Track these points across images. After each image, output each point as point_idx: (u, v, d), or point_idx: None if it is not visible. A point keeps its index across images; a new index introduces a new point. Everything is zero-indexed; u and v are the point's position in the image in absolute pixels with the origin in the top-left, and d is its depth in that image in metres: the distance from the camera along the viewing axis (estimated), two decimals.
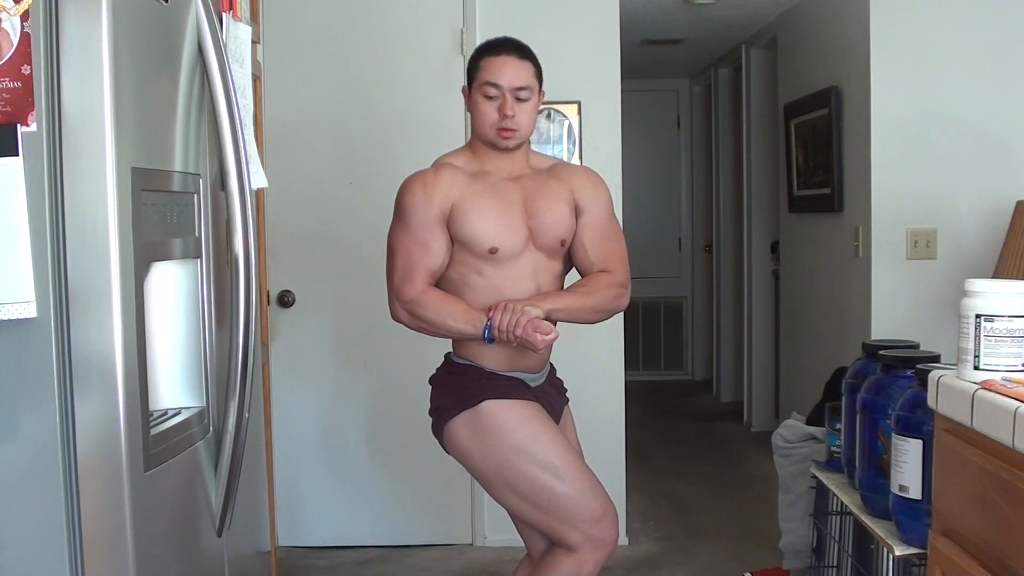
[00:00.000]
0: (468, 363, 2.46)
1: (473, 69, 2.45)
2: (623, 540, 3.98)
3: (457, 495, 3.93)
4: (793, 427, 3.19)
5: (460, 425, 2.41)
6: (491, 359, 2.44)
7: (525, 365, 2.48)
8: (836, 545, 2.85)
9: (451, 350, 2.54)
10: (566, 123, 3.92)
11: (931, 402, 1.86)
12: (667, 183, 7.66)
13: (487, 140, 2.45)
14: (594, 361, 3.95)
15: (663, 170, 7.62)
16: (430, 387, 2.57)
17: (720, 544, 3.98)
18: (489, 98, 2.40)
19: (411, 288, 2.37)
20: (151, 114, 1.73)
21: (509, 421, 2.39)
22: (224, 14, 2.15)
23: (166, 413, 1.85)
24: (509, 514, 2.60)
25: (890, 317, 3.91)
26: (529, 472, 2.38)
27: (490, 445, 2.39)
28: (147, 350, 1.71)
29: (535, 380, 2.51)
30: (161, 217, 1.75)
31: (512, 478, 2.39)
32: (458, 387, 2.45)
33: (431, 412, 2.52)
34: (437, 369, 2.58)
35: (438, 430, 2.48)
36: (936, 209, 3.92)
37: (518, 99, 2.40)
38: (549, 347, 2.44)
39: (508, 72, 2.39)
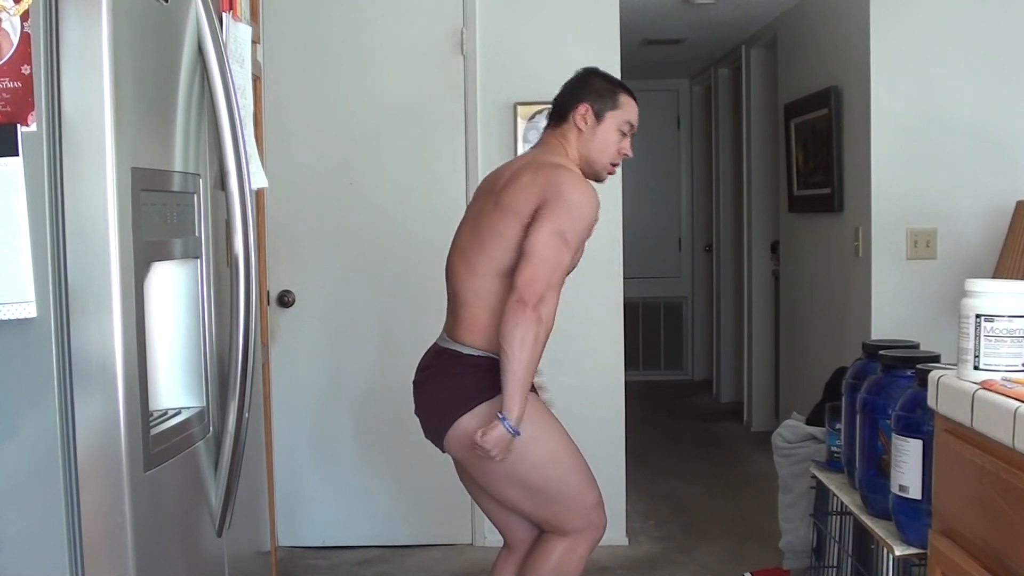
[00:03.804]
0: (487, 355, 2.40)
1: (610, 102, 2.51)
2: (623, 540, 3.98)
3: (457, 495, 3.90)
4: (793, 427, 3.19)
5: (475, 419, 2.37)
6: None
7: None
8: (836, 545, 2.85)
9: (455, 344, 2.46)
10: None
11: (931, 402, 1.86)
12: (667, 183, 7.66)
13: (593, 166, 2.52)
14: (594, 361, 3.95)
15: (663, 170, 7.62)
16: (420, 387, 2.51)
17: (720, 544, 3.98)
18: (623, 134, 2.51)
19: (549, 307, 2.30)
20: (151, 114, 1.73)
21: (525, 413, 2.39)
22: (224, 14, 2.15)
23: (166, 413, 1.85)
24: (489, 506, 2.62)
25: (890, 317, 3.91)
26: (541, 462, 2.42)
27: None
28: (147, 350, 1.71)
29: None
30: (161, 217, 1.75)
31: (523, 469, 2.41)
32: (474, 380, 2.40)
33: (433, 411, 2.46)
34: (432, 368, 2.51)
35: (443, 427, 2.42)
36: (936, 209, 3.92)
37: None
38: None
39: (637, 121, 2.56)
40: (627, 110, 2.53)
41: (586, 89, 2.53)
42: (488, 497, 2.59)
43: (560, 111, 2.55)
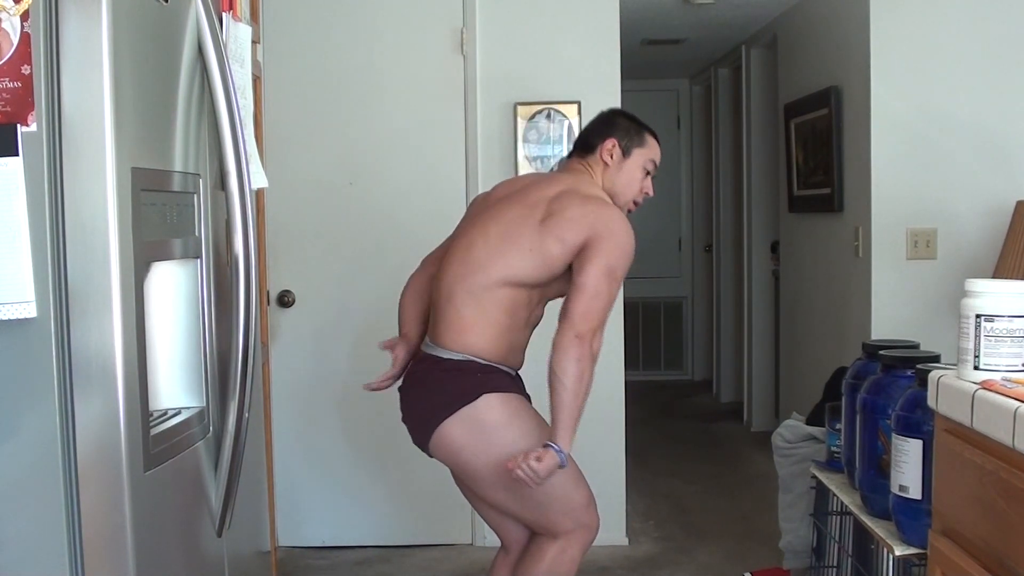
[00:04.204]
0: (468, 359, 2.41)
1: (636, 139, 2.59)
2: (623, 540, 3.98)
3: (457, 495, 3.90)
4: (793, 427, 3.19)
5: (456, 423, 2.37)
6: (490, 352, 2.42)
7: (516, 360, 2.51)
8: (836, 545, 2.86)
9: (437, 349, 2.44)
10: (566, 123, 3.92)
11: (931, 402, 1.86)
12: (667, 183, 7.65)
13: (615, 201, 2.57)
14: None
15: (663, 170, 7.51)
16: (405, 394, 2.51)
17: (720, 544, 3.98)
18: (647, 173, 2.59)
19: (600, 342, 2.36)
20: (151, 114, 1.73)
21: (506, 415, 2.40)
22: (224, 14, 2.15)
23: (166, 413, 1.85)
24: (483, 509, 2.63)
25: (890, 317, 3.91)
26: None
27: (486, 440, 2.38)
28: (147, 350, 1.71)
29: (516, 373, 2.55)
30: (161, 217, 1.75)
31: (506, 473, 2.38)
32: (452, 384, 2.40)
33: (417, 417, 2.44)
34: (416, 375, 2.50)
35: (427, 432, 2.41)
36: (936, 209, 3.92)
37: None
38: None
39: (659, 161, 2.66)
40: (651, 149, 2.62)
41: (613, 126, 2.59)
42: (482, 500, 2.59)
43: (586, 144, 2.60)
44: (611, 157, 2.56)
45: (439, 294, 2.48)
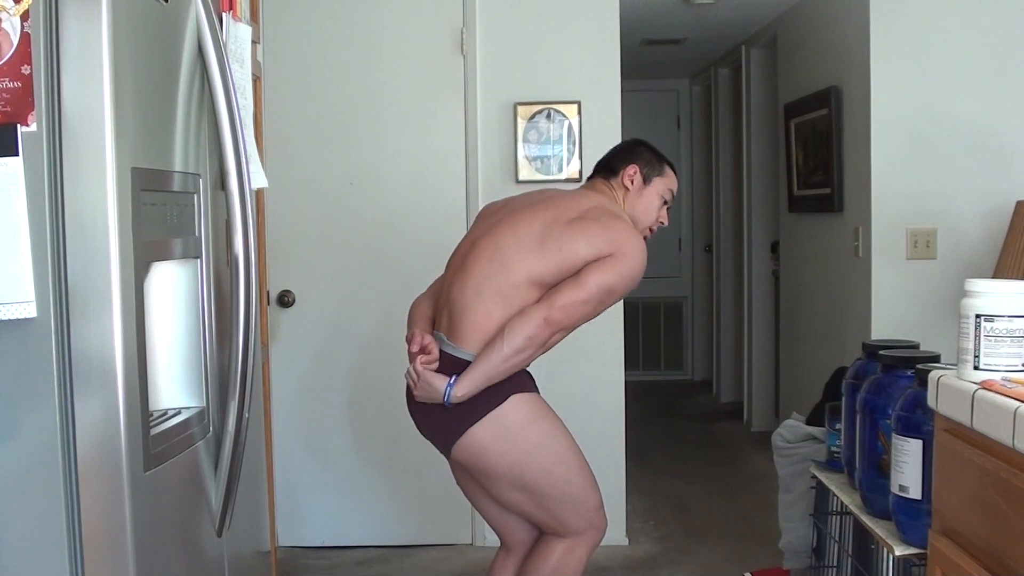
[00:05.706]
0: None
1: (656, 169, 2.64)
2: (623, 540, 3.98)
3: (457, 495, 3.89)
4: (793, 427, 3.19)
5: (484, 426, 2.36)
6: None
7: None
8: (836, 545, 2.86)
9: (460, 350, 2.39)
10: (566, 123, 3.92)
11: (931, 402, 1.86)
12: None
13: (635, 226, 2.59)
14: (594, 361, 3.95)
15: None
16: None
17: (720, 544, 3.98)
18: (664, 202, 2.65)
19: (558, 340, 2.40)
20: (151, 114, 1.73)
21: (531, 414, 2.41)
22: (224, 14, 2.15)
23: (166, 413, 1.85)
24: (487, 509, 2.61)
25: (890, 317, 3.91)
26: (547, 466, 2.42)
27: (512, 441, 2.38)
28: (147, 350, 1.71)
29: None
30: (161, 217, 1.75)
31: (528, 473, 2.41)
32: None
33: (442, 419, 2.39)
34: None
35: (453, 436, 2.38)
36: (936, 209, 3.92)
37: None
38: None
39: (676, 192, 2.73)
40: (670, 180, 2.66)
41: (636, 155, 2.65)
42: (487, 500, 2.58)
43: (609, 167, 2.65)
44: (632, 183, 2.61)
45: (463, 292, 2.42)
